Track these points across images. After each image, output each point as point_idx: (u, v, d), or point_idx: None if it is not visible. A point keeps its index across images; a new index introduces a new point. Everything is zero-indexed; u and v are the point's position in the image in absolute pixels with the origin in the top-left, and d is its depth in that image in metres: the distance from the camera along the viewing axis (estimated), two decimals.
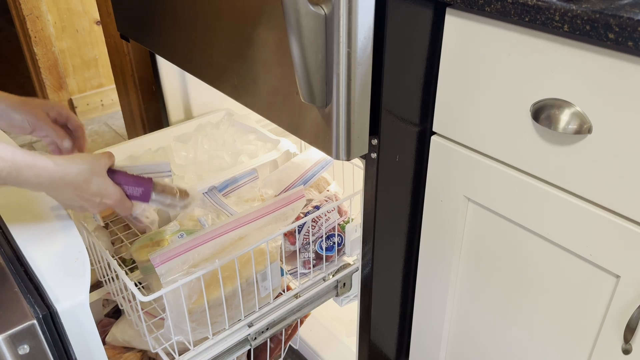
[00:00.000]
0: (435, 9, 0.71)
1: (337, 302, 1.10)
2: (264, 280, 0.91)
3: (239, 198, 1.07)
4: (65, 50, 2.42)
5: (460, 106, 0.74)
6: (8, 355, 0.61)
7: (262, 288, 0.92)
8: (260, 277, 0.91)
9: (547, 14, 0.58)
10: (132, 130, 1.57)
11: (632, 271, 0.64)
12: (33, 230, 0.79)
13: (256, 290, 0.91)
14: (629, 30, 0.52)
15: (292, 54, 0.66)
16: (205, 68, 0.96)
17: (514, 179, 0.72)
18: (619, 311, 0.67)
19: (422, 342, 1.01)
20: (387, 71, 0.72)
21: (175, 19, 0.98)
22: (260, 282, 0.91)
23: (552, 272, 0.73)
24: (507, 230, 0.76)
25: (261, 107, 0.85)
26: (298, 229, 0.99)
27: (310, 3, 0.63)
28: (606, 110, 0.60)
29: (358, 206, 0.91)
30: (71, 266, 0.72)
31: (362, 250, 0.93)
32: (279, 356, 1.20)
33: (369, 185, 0.84)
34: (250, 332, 0.93)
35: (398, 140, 0.80)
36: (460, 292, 0.89)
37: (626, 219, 0.63)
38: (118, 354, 1.05)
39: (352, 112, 0.70)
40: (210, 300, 0.86)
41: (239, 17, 0.81)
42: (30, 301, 0.65)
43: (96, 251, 0.91)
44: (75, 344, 0.70)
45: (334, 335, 1.36)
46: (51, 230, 0.79)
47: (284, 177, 1.10)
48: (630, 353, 0.67)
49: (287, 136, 1.23)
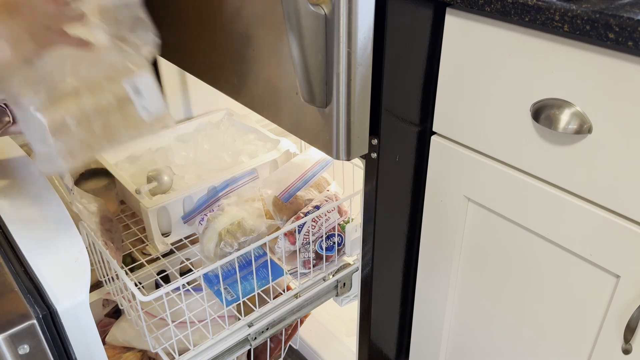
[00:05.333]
0: (435, 8, 0.71)
1: (337, 302, 1.10)
2: (139, 96, 0.80)
3: (239, 198, 1.07)
4: None
5: (460, 106, 0.74)
6: (8, 355, 0.61)
7: (141, 107, 0.82)
8: (132, 90, 0.80)
9: (547, 13, 0.58)
10: None
11: (632, 271, 0.64)
12: (33, 230, 0.79)
13: (135, 110, 0.80)
14: (629, 30, 0.52)
15: (292, 54, 0.66)
16: (205, 68, 0.96)
17: (514, 178, 0.72)
18: (619, 311, 0.67)
19: (422, 342, 1.01)
20: (387, 71, 0.72)
21: (175, 19, 0.98)
22: (134, 97, 0.81)
23: (552, 272, 0.73)
24: (507, 230, 0.76)
25: (261, 107, 0.85)
26: (298, 229, 0.99)
27: (310, 3, 0.63)
28: (606, 110, 0.60)
29: (358, 206, 0.91)
30: (71, 266, 0.72)
31: (362, 250, 0.93)
32: (279, 356, 1.20)
33: (369, 185, 0.84)
34: (250, 332, 0.93)
35: (398, 140, 0.80)
36: (460, 292, 0.89)
37: (626, 219, 0.63)
38: (118, 354, 1.05)
39: (352, 112, 0.70)
40: (75, 114, 0.75)
41: (239, 17, 0.81)
42: (30, 301, 0.65)
43: (96, 251, 0.91)
44: (75, 344, 0.70)
45: (334, 335, 1.36)
46: (51, 230, 0.79)
47: (284, 177, 1.10)
48: (630, 353, 0.67)
49: (287, 136, 1.23)
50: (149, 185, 1.08)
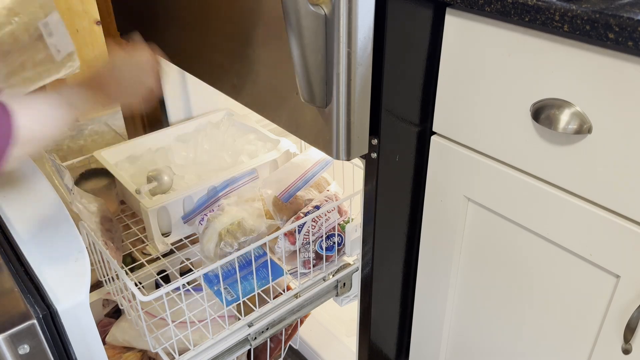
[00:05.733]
0: (435, 9, 0.71)
1: (337, 302, 1.10)
2: (50, 37, 0.84)
3: (239, 198, 1.07)
4: None
5: (460, 106, 0.74)
6: (8, 355, 0.61)
7: (52, 47, 0.85)
8: (45, 30, 0.82)
9: (547, 13, 0.58)
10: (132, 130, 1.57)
11: (632, 271, 0.64)
12: (33, 230, 0.79)
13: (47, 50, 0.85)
14: (629, 30, 0.52)
15: (292, 54, 0.66)
16: (205, 68, 0.96)
17: (514, 179, 0.72)
18: (619, 311, 0.67)
19: (422, 342, 1.01)
20: (387, 71, 0.72)
21: (175, 19, 0.98)
22: (47, 38, 0.84)
23: (552, 272, 0.73)
24: (507, 230, 0.76)
25: (261, 107, 0.85)
26: (298, 229, 0.99)
27: (310, 3, 0.63)
28: (606, 110, 0.60)
29: (358, 206, 0.91)
30: (71, 266, 0.72)
31: (362, 250, 0.93)
32: (279, 356, 1.20)
33: (369, 185, 0.84)
34: (250, 332, 0.93)
35: (398, 140, 0.80)
36: (460, 292, 0.89)
37: (626, 219, 0.63)
38: (118, 354, 1.05)
39: (352, 112, 0.70)
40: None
41: (239, 17, 0.81)
42: (30, 301, 0.65)
43: (96, 251, 0.91)
44: (75, 344, 0.70)
45: (334, 335, 1.36)
46: (51, 230, 0.79)
47: (284, 177, 1.10)
48: (630, 353, 0.67)
49: (287, 136, 1.23)
50: (149, 185, 1.08)
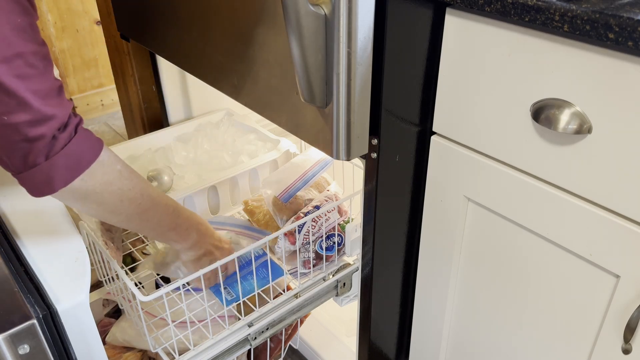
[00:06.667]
0: (435, 8, 0.71)
1: (337, 302, 1.10)
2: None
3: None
4: (66, 50, 2.42)
5: (460, 106, 0.74)
6: (8, 355, 0.61)
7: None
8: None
9: (547, 14, 0.58)
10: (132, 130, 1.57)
11: (632, 271, 0.64)
12: (33, 230, 0.79)
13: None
14: (629, 30, 0.52)
15: (292, 54, 0.66)
16: (205, 68, 0.96)
17: (513, 179, 0.72)
18: (619, 311, 0.67)
19: (422, 342, 1.01)
20: (387, 71, 0.72)
21: (175, 19, 0.98)
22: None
23: (552, 272, 0.73)
24: (507, 230, 0.76)
25: (261, 107, 0.85)
26: (298, 229, 0.99)
27: (310, 3, 0.63)
28: (606, 110, 0.60)
29: (358, 206, 0.91)
30: (71, 266, 0.72)
31: (362, 250, 0.93)
32: (279, 356, 1.20)
33: (369, 185, 0.84)
34: (250, 332, 0.93)
35: (398, 140, 0.80)
36: (460, 292, 0.89)
37: (626, 219, 0.63)
38: (118, 354, 1.05)
39: (352, 112, 0.70)
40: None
41: (239, 17, 0.81)
42: (30, 301, 0.65)
43: (96, 251, 0.91)
44: (75, 343, 0.70)
45: (334, 335, 1.36)
46: (51, 230, 0.79)
47: (284, 177, 1.10)
48: (630, 353, 0.67)
49: (287, 136, 1.23)
50: None
